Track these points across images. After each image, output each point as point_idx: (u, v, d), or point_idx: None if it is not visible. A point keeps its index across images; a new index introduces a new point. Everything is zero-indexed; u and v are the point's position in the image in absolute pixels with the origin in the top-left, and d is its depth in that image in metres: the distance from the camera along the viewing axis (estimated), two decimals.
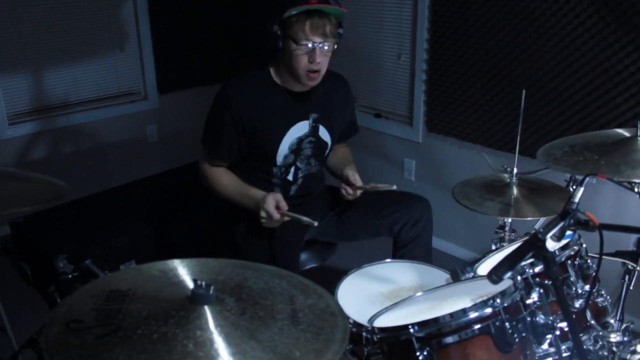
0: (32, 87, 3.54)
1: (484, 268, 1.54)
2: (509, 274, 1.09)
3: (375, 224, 2.10)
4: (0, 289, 2.95)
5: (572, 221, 1.17)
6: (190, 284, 1.11)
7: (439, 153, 3.14)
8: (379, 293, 1.69)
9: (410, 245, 2.13)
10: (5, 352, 2.56)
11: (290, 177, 2.07)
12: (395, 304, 1.33)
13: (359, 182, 2.03)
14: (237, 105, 1.92)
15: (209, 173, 2.05)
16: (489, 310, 1.16)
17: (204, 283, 1.06)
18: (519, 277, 1.25)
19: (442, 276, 1.77)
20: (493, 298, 1.17)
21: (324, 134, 2.09)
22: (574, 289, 1.30)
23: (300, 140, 2.03)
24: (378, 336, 1.24)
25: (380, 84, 3.40)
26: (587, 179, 1.14)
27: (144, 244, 2.91)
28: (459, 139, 2.98)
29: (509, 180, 1.82)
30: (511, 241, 1.85)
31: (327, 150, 2.14)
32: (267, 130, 1.97)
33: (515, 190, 1.79)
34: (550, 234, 1.06)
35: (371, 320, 1.29)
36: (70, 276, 1.78)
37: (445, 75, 2.93)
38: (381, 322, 1.29)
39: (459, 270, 1.58)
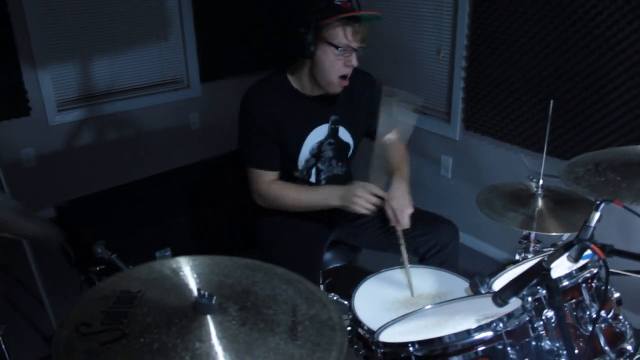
0: (80, 75, 3.67)
1: (501, 282, 1.51)
2: (513, 299, 1.07)
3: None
4: (45, 269, 3.11)
5: (577, 252, 1.14)
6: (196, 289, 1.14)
7: (476, 152, 3.08)
8: (396, 300, 1.69)
9: None
10: (46, 332, 2.71)
11: (312, 179, 2.08)
12: (403, 317, 1.32)
13: (405, 213, 1.88)
14: (262, 115, 1.93)
15: (270, 191, 1.99)
16: (490, 333, 1.14)
17: (207, 293, 1.08)
18: (529, 298, 1.22)
19: (461, 285, 1.75)
20: (497, 321, 1.15)
21: (344, 135, 2.08)
22: (587, 312, 1.26)
23: (320, 144, 2.04)
24: (381, 350, 1.24)
25: (419, 79, 3.35)
26: (602, 204, 1.10)
27: (180, 232, 3.00)
28: (495, 139, 2.91)
29: (534, 190, 1.77)
30: (536, 252, 1.80)
31: (350, 151, 2.13)
32: (288, 136, 1.97)
33: (540, 202, 1.74)
34: (554, 263, 1.03)
35: (377, 333, 1.29)
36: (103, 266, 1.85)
37: (485, 73, 2.86)
38: (387, 335, 1.29)
39: (478, 282, 1.55)
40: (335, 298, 2.20)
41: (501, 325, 1.14)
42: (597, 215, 1.15)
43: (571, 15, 2.39)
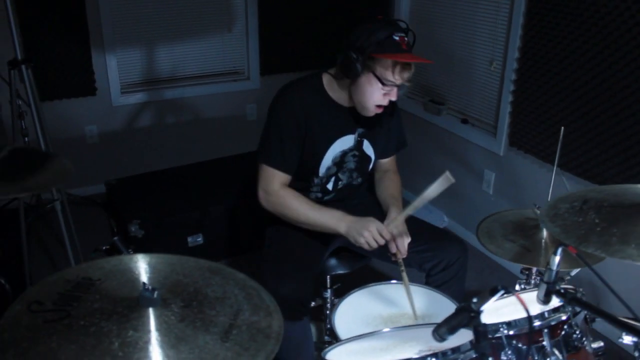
0: (145, 61, 3.86)
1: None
2: (449, 337, 1.03)
3: (407, 256, 1.97)
4: (94, 238, 3.33)
5: (544, 294, 1.09)
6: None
7: (519, 169, 2.95)
8: (378, 315, 1.67)
9: (440, 289, 2.02)
10: None
11: (329, 187, 2.07)
12: (356, 337, 1.31)
13: (405, 241, 1.88)
14: (298, 112, 1.91)
15: (279, 195, 1.92)
16: None
17: (150, 287, 1.13)
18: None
19: (450, 307, 1.70)
20: (440, 355, 1.11)
21: (367, 148, 2.06)
22: None
23: (344, 154, 2.02)
24: None
25: (470, 89, 3.25)
26: (560, 248, 1.05)
27: (214, 220, 3.09)
28: (538, 158, 2.77)
29: (539, 220, 1.67)
30: (536, 285, 1.71)
31: (371, 165, 2.11)
32: (313, 141, 1.96)
33: (544, 233, 1.65)
34: (483, 306, 0.98)
35: (325, 351, 1.29)
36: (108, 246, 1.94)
37: (533, 88, 2.72)
38: (335, 354, 1.29)
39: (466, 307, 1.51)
40: None
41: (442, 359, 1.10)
42: (557, 259, 1.09)
43: (630, 40, 2.22)
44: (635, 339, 1.22)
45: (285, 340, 1.79)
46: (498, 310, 1.40)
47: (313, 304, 2.43)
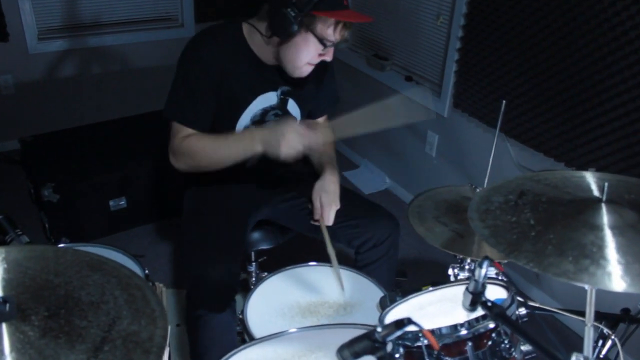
0: (65, 2, 3.49)
1: (410, 305, 1.32)
2: None
3: (334, 230, 1.82)
4: (8, 201, 3.06)
5: (469, 302, 0.96)
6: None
7: (463, 133, 2.82)
8: (296, 304, 1.53)
9: (370, 267, 1.88)
10: None
11: None
12: (259, 340, 1.15)
13: (333, 209, 1.76)
14: (212, 67, 1.68)
15: (184, 145, 1.71)
16: None
17: (1, 298, 0.93)
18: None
19: (376, 295, 1.57)
20: None
21: (293, 108, 1.87)
22: None
23: (264, 112, 1.82)
24: None
25: (415, 45, 3.06)
26: (485, 262, 0.91)
27: (138, 183, 2.86)
28: (483, 122, 2.64)
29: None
30: (471, 272, 1.59)
31: None
32: (229, 98, 1.75)
33: None
34: (390, 339, 0.85)
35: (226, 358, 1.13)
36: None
37: (479, 48, 2.56)
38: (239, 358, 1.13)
39: (388, 300, 1.38)
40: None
41: None
42: (482, 271, 0.96)
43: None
44: None
45: (209, 332, 1.65)
46: (423, 309, 1.27)
47: None
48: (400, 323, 0.85)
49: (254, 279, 2.10)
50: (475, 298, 1.01)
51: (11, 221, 1.59)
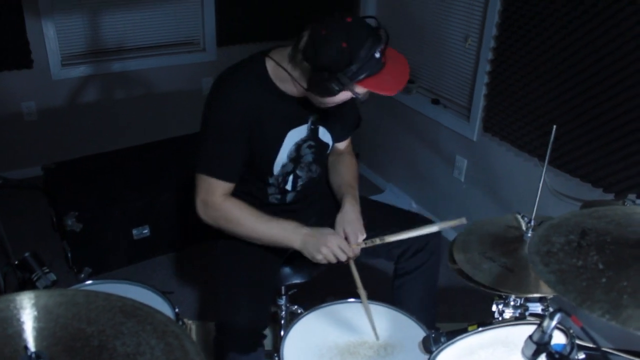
0: (88, 29, 3.49)
1: (456, 349, 1.24)
2: None
3: (374, 246, 1.75)
4: (31, 228, 3.03)
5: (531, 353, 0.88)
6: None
7: (493, 157, 2.74)
8: (334, 345, 1.46)
9: (411, 276, 1.85)
10: None
11: (288, 187, 1.82)
12: None
13: (359, 238, 1.69)
14: (243, 110, 1.62)
15: (223, 208, 1.66)
16: None
17: (34, 352, 0.88)
18: None
19: (415, 333, 1.49)
20: None
21: (324, 135, 1.81)
22: None
23: (298, 147, 1.76)
24: None
25: (442, 67, 3.01)
26: (558, 315, 0.84)
27: (162, 210, 2.82)
28: (515, 147, 2.56)
29: (524, 231, 1.45)
30: (516, 308, 1.51)
31: (328, 151, 1.88)
32: (263, 139, 1.68)
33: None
34: None
35: None
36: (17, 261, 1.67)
37: (510, 71, 2.49)
38: None
39: (431, 341, 1.30)
40: (299, 311, 1.99)
41: None
42: (552, 323, 0.88)
43: (618, 24, 1.99)
44: None
45: None
46: (474, 353, 1.19)
47: None
48: None
49: (283, 312, 2.03)
50: (540, 349, 0.94)
51: (38, 258, 1.55)
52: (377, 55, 1.47)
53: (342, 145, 1.98)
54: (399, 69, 1.56)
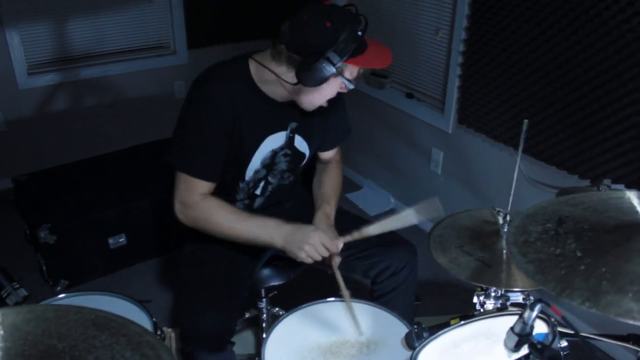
0: (54, 36, 3.41)
1: (439, 343, 1.22)
2: None
3: (349, 261, 1.74)
4: (3, 240, 2.95)
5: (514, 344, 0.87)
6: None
7: (469, 149, 2.75)
8: (316, 345, 1.44)
9: (387, 297, 1.81)
10: None
11: (258, 192, 1.79)
12: None
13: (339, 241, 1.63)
14: (224, 110, 1.57)
15: (202, 208, 1.62)
16: None
17: None
18: None
19: (398, 329, 1.48)
20: None
21: (300, 144, 1.77)
22: None
23: (274, 154, 1.72)
24: None
25: (415, 61, 3.00)
26: (538, 305, 0.83)
27: (138, 217, 2.77)
28: (490, 137, 2.57)
29: (500, 225, 1.45)
30: (497, 299, 1.50)
31: (304, 162, 1.83)
32: (240, 142, 1.64)
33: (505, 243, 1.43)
34: None
35: None
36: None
37: (482, 62, 2.50)
38: None
39: (414, 335, 1.29)
40: (281, 313, 1.97)
41: None
42: (533, 314, 0.87)
43: (592, 9, 2.00)
44: None
45: None
46: (457, 347, 1.18)
47: (248, 315, 2.20)
48: None
49: (264, 315, 2.01)
50: (522, 340, 0.93)
51: (7, 274, 1.49)
52: (360, 33, 1.47)
53: (327, 154, 1.94)
54: (382, 48, 1.58)
